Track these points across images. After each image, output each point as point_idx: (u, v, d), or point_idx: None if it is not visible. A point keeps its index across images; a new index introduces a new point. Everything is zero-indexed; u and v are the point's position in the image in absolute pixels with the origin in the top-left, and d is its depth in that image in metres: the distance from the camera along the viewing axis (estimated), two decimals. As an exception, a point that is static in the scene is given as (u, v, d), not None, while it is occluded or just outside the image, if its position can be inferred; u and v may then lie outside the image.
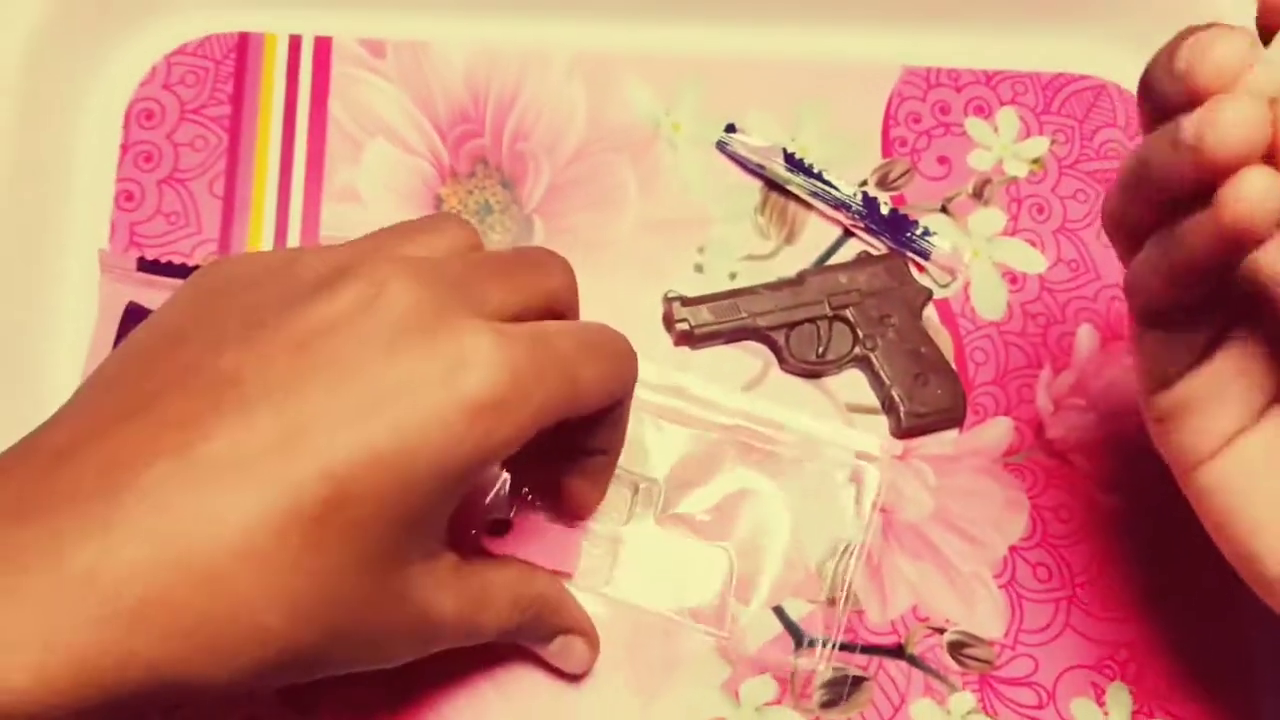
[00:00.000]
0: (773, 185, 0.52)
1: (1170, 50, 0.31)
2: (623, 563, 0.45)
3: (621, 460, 0.44)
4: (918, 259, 0.51)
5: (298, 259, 0.34)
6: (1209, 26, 0.31)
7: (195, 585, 0.28)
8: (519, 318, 0.34)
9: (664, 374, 0.48)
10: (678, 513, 0.47)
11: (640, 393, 0.47)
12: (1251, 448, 0.35)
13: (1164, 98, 0.32)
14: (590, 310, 0.49)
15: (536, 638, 0.42)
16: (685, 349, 0.50)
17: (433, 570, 0.34)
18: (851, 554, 0.47)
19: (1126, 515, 0.49)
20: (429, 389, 0.30)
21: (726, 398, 0.48)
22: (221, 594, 0.28)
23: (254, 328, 0.31)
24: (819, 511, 0.47)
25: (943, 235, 0.52)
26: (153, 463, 0.29)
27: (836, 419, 0.49)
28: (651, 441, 0.47)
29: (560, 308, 0.37)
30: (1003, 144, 0.54)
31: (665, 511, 0.47)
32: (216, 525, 0.28)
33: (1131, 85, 0.54)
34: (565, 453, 0.40)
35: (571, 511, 0.43)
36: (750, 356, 0.50)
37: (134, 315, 0.46)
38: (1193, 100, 0.30)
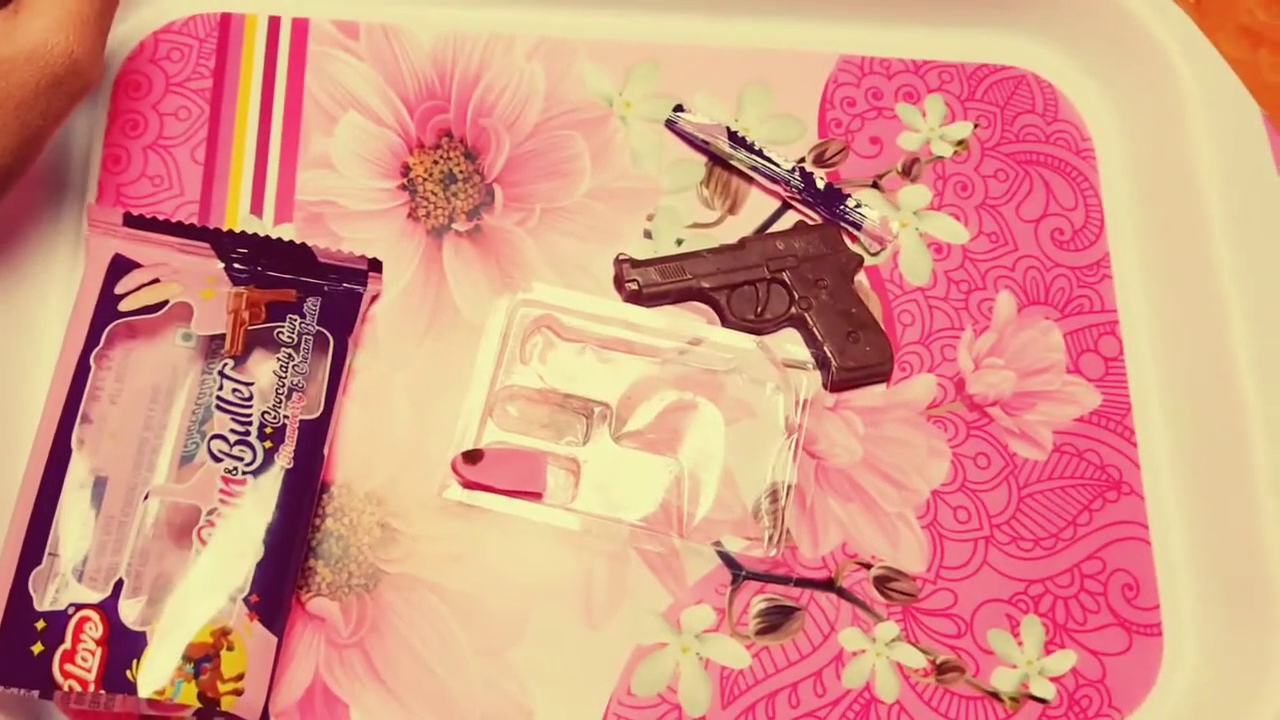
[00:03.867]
0: (717, 160, 0.56)
1: None
2: (585, 481, 0.49)
3: (575, 388, 0.50)
4: (850, 229, 0.56)
5: None
6: None
7: None
8: None
9: (612, 308, 0.52)
10: (630, 431, 0.51)
11: (591, 326, 0.52)
12: None
13: None
14: (547, 270, 0.54)
15: None
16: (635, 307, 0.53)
17: None
18: (784, 493, 0.51)
19: (1039, 463, 0.53)
20: None
21: (669, 325, 0.52)
22: None
23: None
24: (755, 431, 0.51)
25: (874, 208, 0.56)
26: None
27: (773, 372, 0.53)
28: (603, 370, 0.52)
29: None
30: (930, 127, 0.58)
31: (619, 431, 0.50)
32: None
33: (1049, 75, 0.60)
34: None
35: None
36: (694, 315, 0.54)
37: (120, 266, 0.49)
38: None
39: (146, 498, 0.45)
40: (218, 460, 0.46)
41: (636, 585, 0.49)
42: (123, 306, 0.48)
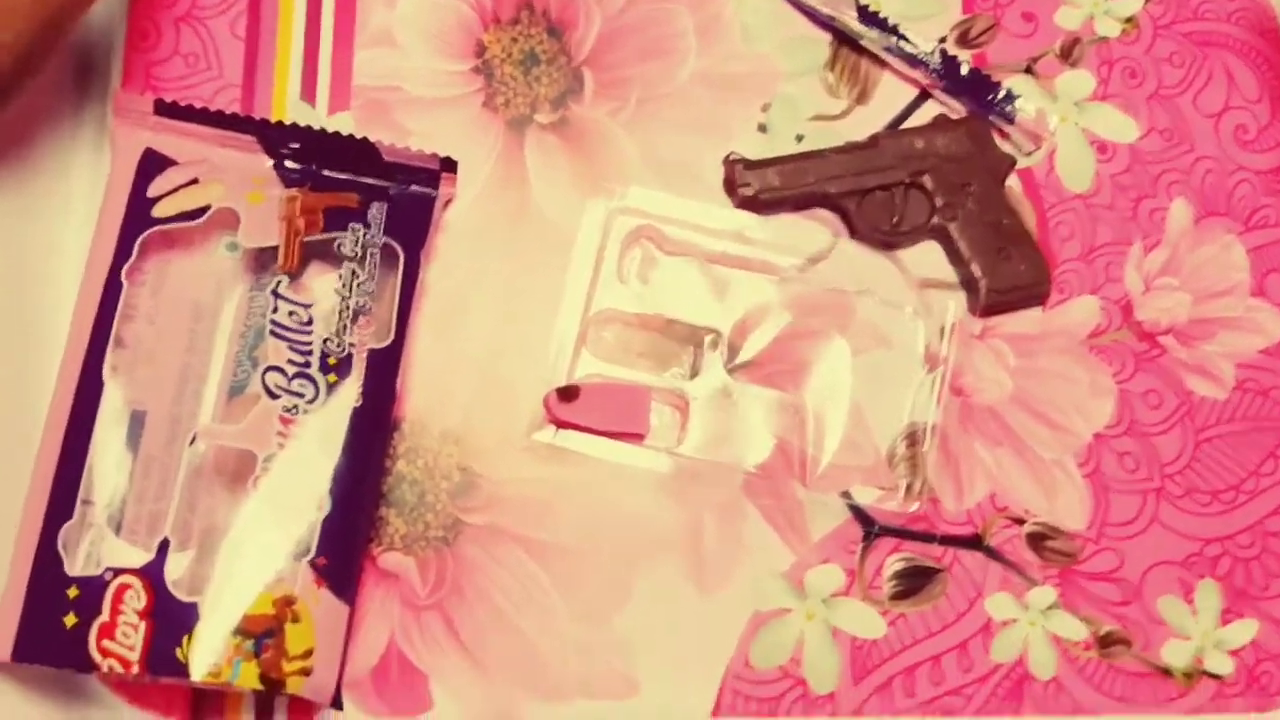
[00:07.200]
0: (844, 39, 0.48)
1: None
2: (693, 420, 0.43)
3: (681, 311, 0.43)
4: (1000, 124, 0.48)
5: None
6: None
7: None
8: None
9: (722, 217, 0.45)
10: (744, 361, 0.44)
11: (698, 238, 0.45)
12: None
13: None
14: (644, 173, 0.46)
15: None
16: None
17: None
18: (925, 436, 0.44)
19: (1218, 402, 0.46)
20: None
21: (788, 237, 0.46)
22: None
23: None
24: (889, 362, 0.45)
25: (1027, 99, 0.48)
26: None
27: (910, 294, 0.46)
28: (713, 290, 0.45)
29: None
30: (1094, 1, 0.50)
31: (732, 362, 0.44)
32: None
33: (1236, -60, 0.51)
34: None
35: None
36: (818, 225, 0.46)
37: (152, 162, 0.42)
38: None
39: (193, 440, 0.39)
40: (275, 397, 0.39)
41: (754, 542, 0.43)
42: (157, 212, 0.41)
